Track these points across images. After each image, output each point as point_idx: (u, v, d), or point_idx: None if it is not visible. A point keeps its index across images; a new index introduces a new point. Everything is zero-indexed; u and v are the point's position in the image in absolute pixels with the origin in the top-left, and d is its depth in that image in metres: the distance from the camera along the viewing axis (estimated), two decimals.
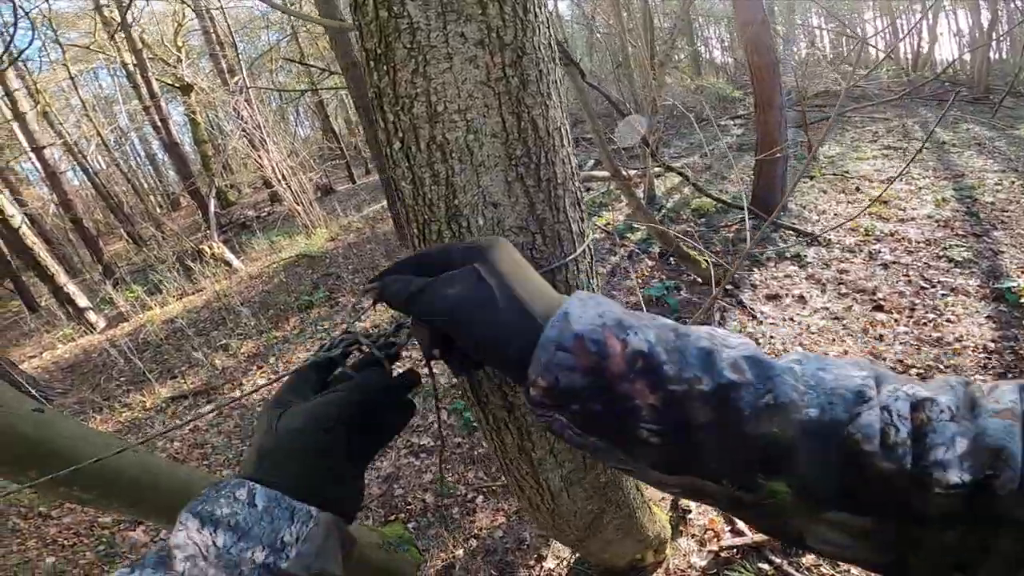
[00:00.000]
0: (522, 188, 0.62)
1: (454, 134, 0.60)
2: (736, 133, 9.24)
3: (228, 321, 5.89)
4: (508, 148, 0.62)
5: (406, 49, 0.58)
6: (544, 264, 0.65)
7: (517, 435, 0.84)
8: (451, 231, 0.63)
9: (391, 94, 0.60)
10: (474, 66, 0.58)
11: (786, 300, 3.94)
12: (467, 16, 0.56)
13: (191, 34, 13.35)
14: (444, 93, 0.59)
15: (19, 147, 11.73)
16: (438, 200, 0.62)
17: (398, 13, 0.56)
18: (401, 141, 0.61)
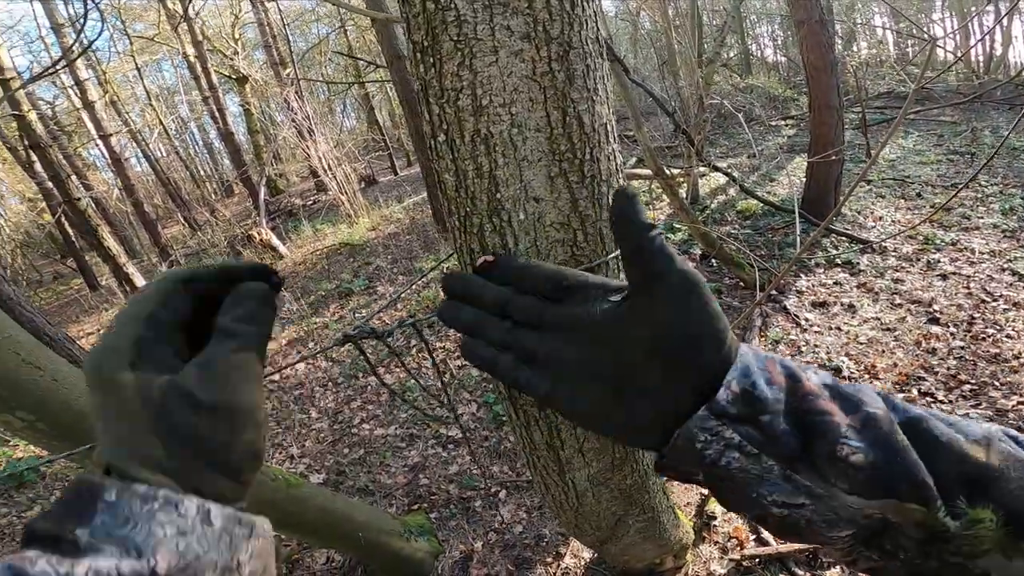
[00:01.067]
0: (565, 184, 0.62)
1: (498, 128, 0.59)
2: (788, 134, 8.88)
3: None
4: (552, 143, 0.61)
5: (452, 42, 0.58)
6: (584, 261, 0.64)
7: (547, 432, 0.83)
8: (492, 224, 0.63)
9: (437, 86, 0.60)
10: (520, 60, 0.58)
11: (834, 308, 3.78)
12: (513, 9, 0.56)
13: (247, 27, 13.89)
14: (489, 86, 0.58)
15: (87, 134, 12.53)
16: (480, 193, 0.62)
17: (445, 5, 0.56)
18: (445, 133, 0.62)
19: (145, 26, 13.27)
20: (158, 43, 12.99)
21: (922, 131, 8.17)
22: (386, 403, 3.83)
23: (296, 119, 8.55)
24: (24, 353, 1.42)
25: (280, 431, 3.79)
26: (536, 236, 0.62)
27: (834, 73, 4.73)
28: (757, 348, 0.39)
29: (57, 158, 7.31)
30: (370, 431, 3.55)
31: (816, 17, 4.62)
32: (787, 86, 11.89)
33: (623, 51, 14.30)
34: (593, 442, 0.91)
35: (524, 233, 0.62)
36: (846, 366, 3.15)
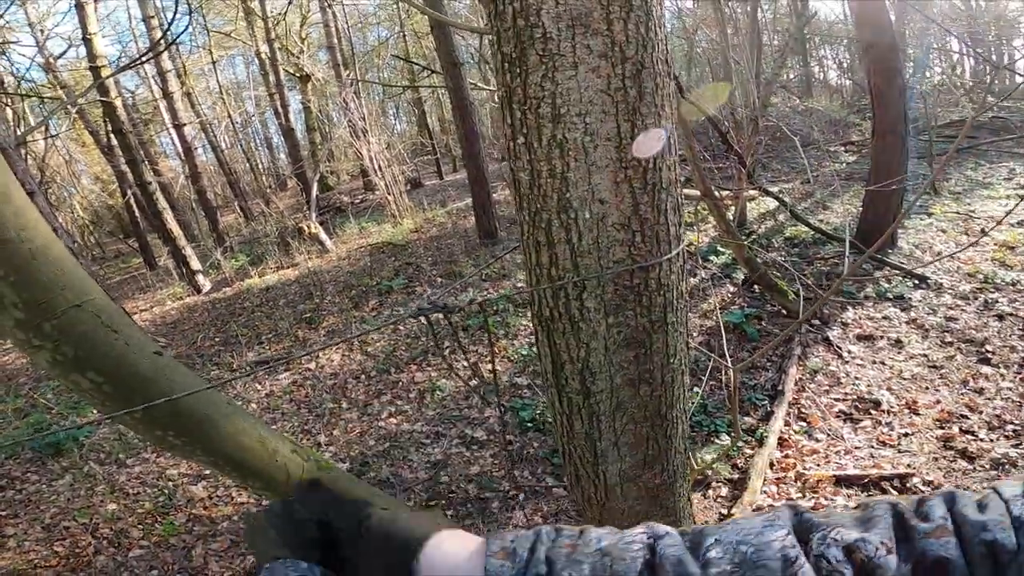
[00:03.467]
0: (629, 189, 0.67)
1: (573, 135, 0.66)
2: (847, 160, 8.60)
3: (315, 296, 6.37)
4: (620, 151, 0.67)
5: (538, 56, 0.65)
6: (640, 260, 0.69)
7: (587, 422, 0.88)
8: (560, 220, 0.70)
9: (521, 94, 0.67)
10: (596, 75, 0.64)
11: (880, 342, 3.65)
12: (594, 30, 0.62)
13: (313, 27, 14.59)
14: (568, 97, 0.65)
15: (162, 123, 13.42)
16: (552, 192, 0.68)
17: (534, 23, 0.63)
18: (525, 137, 0.69)
19: (224, 21, 14.14)
20: (234, 39, 13.82)
21: (994, 163, 7.76)
22: (415, 399, 3.92)
23: (351, 119, 8.91)
24: (104, 316, 1.55)
25: (311, 419, 3.92)
26: (598, 234, 0.68)
27: (901, 98, 4.58)
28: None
29: (134, 144, 7.87)
30: (397, 425, 3.64)
31: (886, 40, 4.50)
32: (850, 110, 11.53)
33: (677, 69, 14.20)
34: (629, 436, 0.95)
35: (588, 230, 0.68)
36: (886, 400, 3.04)
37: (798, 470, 2.67)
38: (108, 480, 3.45)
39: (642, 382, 0.84)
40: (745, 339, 3.95)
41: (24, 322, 1.45)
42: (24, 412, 4.54)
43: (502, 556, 0.38)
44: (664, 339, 0.82)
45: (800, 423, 3.06)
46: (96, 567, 2.67)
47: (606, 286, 0.73)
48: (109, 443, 3.83)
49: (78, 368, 1.54)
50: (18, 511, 3.20)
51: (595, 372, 0.81)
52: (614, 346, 0.79)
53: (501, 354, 4.34)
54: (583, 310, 0.76)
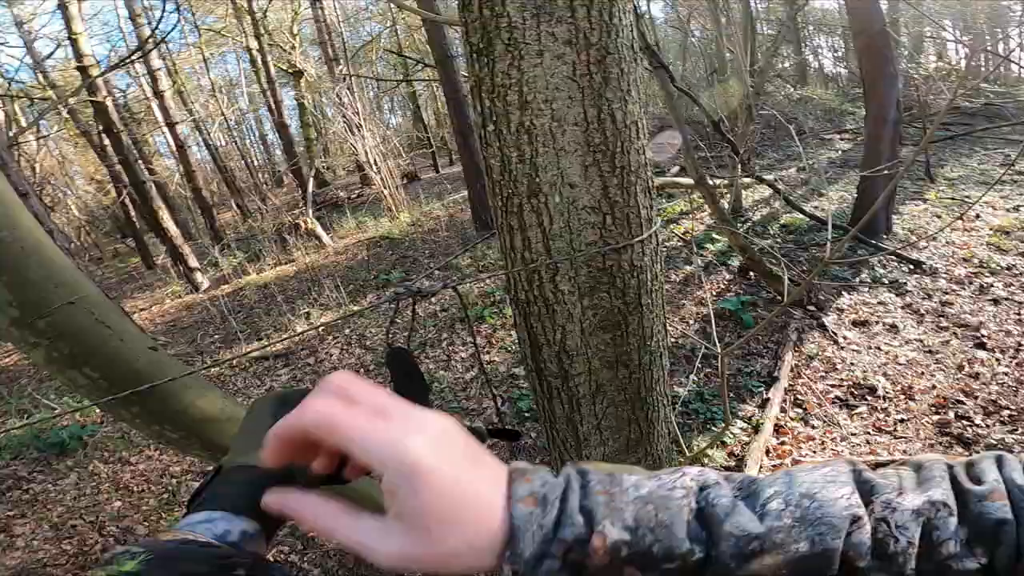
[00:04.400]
0: (597, 172, 0.69)
1: (540, 120, 0.67)
2: (842, 148, 8.60)
3: (313, 291, 6.39)
4: (587, 136, 0.68)
5: (504, 44, 0.66)
6: (612, 242, 0.71)
7: (568, 405, 0.90)
8: (531, 205, 0.71)
9: (489, 83, 0.69)
10: (562, 62, 0.66)
11: (875, 328, 3.67)
12: (558, 18, 0.63)
13: (304, 23, 14.49)
14: (534, 84, 0.66)
15: (155, 122, 13.36)
16: (522, 177, 0.70)
17: (499, 12, 0.64)
18: (494, 124, 0.70)
19: (214, 19, 14.05)
20: (224, 36, 13.73)
21: (989, 150, 7.75)
22: None
23: (346, 114, 8.88)
24: (98, 313, 1.54)
25: None
26: (569, 218, 0.70)
27: (893, 85, 4.58)
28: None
29: (127, 143, 7.84)
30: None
31: (876, 28, 4.50)
32: (845, 99, 11.50)
33: (671, 59, 14.13)
34: (611, 420, 0.97)
35: (559, 214, 0.70)
36: (882, 386, 3.06)
37: (794, 457, 2.69)
38: (113, 478, 3.48)
39: (620, 364, 0.86)
40: (742, 326, 3.97)
41: (19, 320, 1.46)
42: (27, 412, 4.57)
43: (531, 503, 0.33)
44: (640, 321, 0.84)
45: (796, 410, 3.08)
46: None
47: (579, 269, 0.75)
48: (113, 441, 3.86)
49: (74, 365, 1.54)
50: (25, 511, 3.23)
51: (572, 354, 0.83)
52: (590, 328, 0.81)
53: (498, 344, 4.37)
54: (557, 292, 0.78)
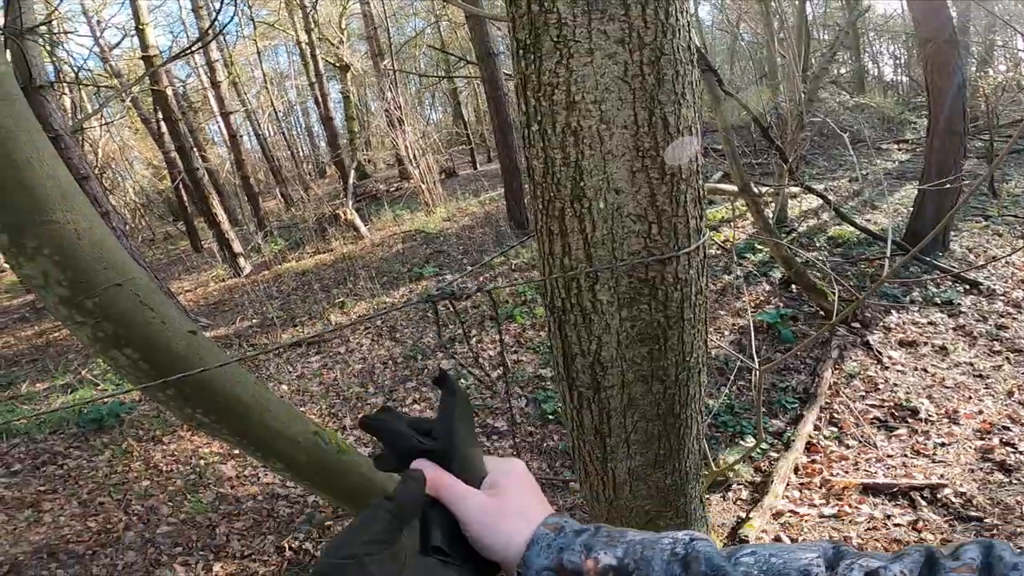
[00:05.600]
0: (646, 178, 0.65)
1: (587, 122, 0.64)
2: (899, 159, 8.18)
3: (348, 281, 6.52)
4: (637, 140, 0.65)
5: (552, 42, 0.63)
6: (657, 252, 0.67)
7: (597, 417, 0.87)
8: (573, 210, 0.69)
9: (535, 81, 0.66)
10: (613, 62, 0.63)
11: (923, 349, 3.48)
12: (610, 16, 0.60)
13: (353, 18, 14.80)
14: (583, 84, 0.63)
15: (210, 111, 13.93)
16: (565, 180, 0.67)
17: (548, 8, 0.62)
18: (539, 124, 0.67)
19: (267, 12, 14.52)
20: (277, 29, 14.17)
21: None
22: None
23: (389, 108, 9.03)
24: (143, 295, 1.59)
25: (338, 402, 4.02)
26: (613, 225, 0.67)
27: (960, 96, 4.31)
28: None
29: (184, 131, 8.20)
30: (420, 412, 3.70)
31: (945, 36, 4.25)
32: (905, 107, 10.92)
33: (719, 62, 13.74)
34: (640, 435, 0.94)
35: (602, 220, 0.67)
36: (925, 408, 2.90)
37: (824, 476, 2.58)
38: (144, 457, 3.59)
39: (655, 379, 0.82)
40: (779, 340, 3.83)
41: (68, 299, 1.52)
42: (71, 387, 4.82)
43: (552, 529, 0.43)
44: (680, 335, 0.80)
45: (831, 428, 2.95)
46: (125, 543, 2.79)
47: (620, 278, 0.72)
48: (148, 420, 4.01)
49: (116, 345, 1.60)
50: (57, 486, 3.36)
51: (606, 366, 0.80)
52: (627, 340, 0.77)
53: (527, 345, 4.35)
54: (596, 302, 0.75)
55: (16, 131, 1.39)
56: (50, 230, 1.45)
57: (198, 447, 3.63)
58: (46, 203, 1.43)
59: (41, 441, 3.90)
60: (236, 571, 2.55)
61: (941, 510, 2.27)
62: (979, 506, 2.23)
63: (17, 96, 1.45)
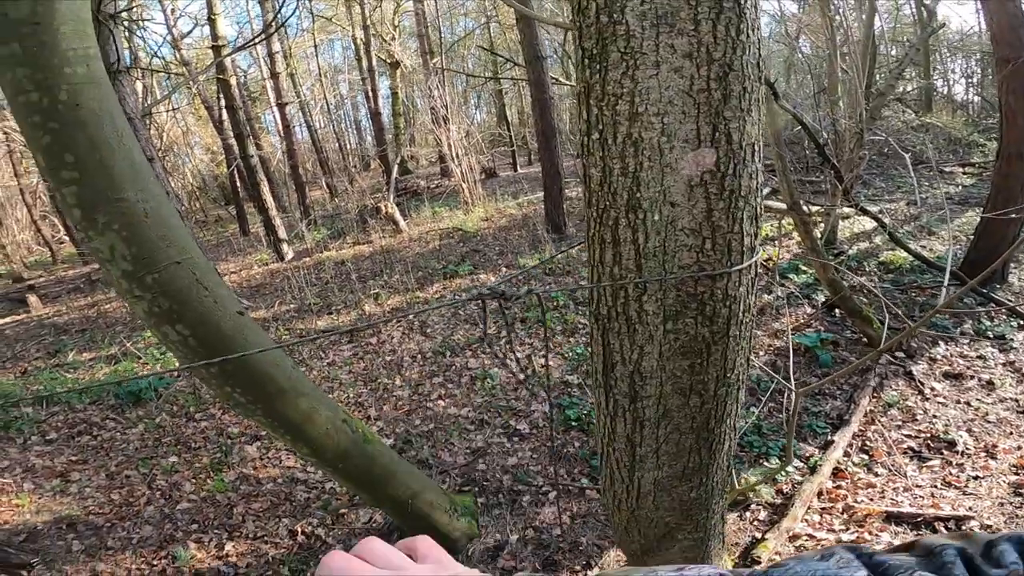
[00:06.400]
0: (703, 193, 0.65)
1: (649, 134, 0.65)
2: (963, 183, 7.74)
3: (384, 273, 6.66)
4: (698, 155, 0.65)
5: (619, 53, 0.64)
6: (708, 268, 0.67)
7: (631, 425, 0.87)
8: (627, 220, 0.69)
9: (599, 91, 0.67)
10: (679, 76, 0.63)
11: (968, 382, 3.31)
12: (679, 30, 0.61)
13: (406, 15, 15.13)
14: (647, 96, 0.64)
15: (267, 101, 14.49)
16: (622, 190, 0.68)
17: (617, 20, 0.63)
18: (600, 133, 0.68)
19: (326, 6, 15.01)
20: (334, 23, 14.63)
21: None
22: (466, 384, 4.00)
23: (435, 106, 9.18)
24: (199, 274, 1.67)
25: (365, 392, 4.10)
26: (666, 237, 0.67)
27: None
28: None
29: (243, 119, 8.57)
30: (444, 408, 3.73)
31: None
32: (974, 129, 10.32)
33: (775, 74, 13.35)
34: (671, 446, 0.93)
35: (655, 233, 0.67)
36: (963, 441, 2.77)
37: (848, 502, 2.50)
38: (175, 432, 3.69)
39: (693, 393, 0.82)
40: (816, 363, 3.70)
41: (130, 273, 1.62)
42: (116, 359, 5.07)
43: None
44: (724, 352, 0.79)
45: (861, 455, 2.86)
46: (144, 517, 2.88)
47: (668, 291, 0.72)
48: (183, 396, 4.14)
49: (170, 320, 1.69)
50: (88, 457, 3.47)
51: (646, 377, 0.80)
52: (669, 353, 0.77)
53: (556, 350, 4.34)
54: (642, 312, 0.75)
55: (100, 114, 1.50)
56: (121, 208, 1.55)
57: (226, 426, 3.73)
58: (120, 182, 1.53)
59: (80, 411, 4.06)
60: (247, 551, 2.61)
61: None
62: None
63: (103, 80, 1.56)
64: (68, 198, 1.49)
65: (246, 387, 1.80)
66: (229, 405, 1.99)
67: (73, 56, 1.43)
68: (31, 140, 1.45)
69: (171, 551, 2.61)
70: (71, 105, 1.43)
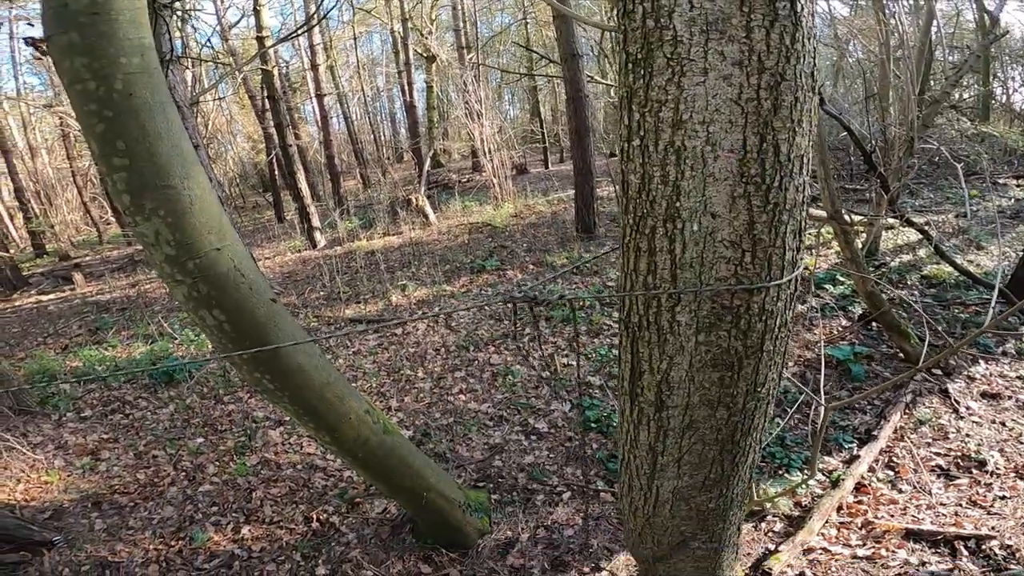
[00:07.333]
0: (746, 205, 0.64)
1: (692, 143, 0.63)
2: (1016, 196, 7.34)
3: (412, 265, 6.74)
4: (743, 165, 0.63)
5: (666, 59, 0.63)
6: (746, 282, 0.65)
7: (654, 434, 0.86)
8: (665, 229, 0.68)
9: (642, 96, 0.66)
10: (728, 84, 0.61)
11: (1006, 403, 3.17)
12: (730, 37, 0.59)
13: (443, 9, 15.20)
14: (692, 104, 0.62)
15: (306, 91, 14.81)
16: (661, 199, 0.67)
17: (664, 24, 0.61)
18: (641, 139, 0.67)
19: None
20: (374, 16, 14.83)
21: None
22: (487, 380, 4.01)
23: (469, 101, 9.21)
24: (237, 260, 1.70)
25: (388, 382, 4.15)
26: (704, 248, 0.65)
27: None
28: None
29: (283, 109, 8.77)
30: (464, 403, 3.75)
31: None
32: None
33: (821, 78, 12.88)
34: (694, 456, 0.91)
35: (694, 243, 0.65)
36: (994, 461, 2.67)
37: (867, 518, 2.44)
38: (203, 414, 3.77)
39: (721, 405, 0.80)
40: (847, 377, 3.58)
41: (172, 258, 1.68)
42: (151, 338, 5.24)
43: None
44: (756, 366, 0.77)
45: (886, 471, 2.77)
46: (166, 497, 2.95)
47: (703, 302, 0.70)
48: (214, 378, 4.24)
49: (207, 305, 1.75)
50: (119, 435, 3.56)
51: (673, 387, 0.79)
52: (699, 364, 0.76)
53: (580, 350, 4.32)
54: (674, 323, 0.74)
55: (152, 103, 1.55)
56: (168, 195, 1.61)
57: (252, 411, 3.80)
58: (169, 170, 1.58)
59: (115, 389, 4.18)
60: (262, 535, 2.65)
61: (981, 561, 2.12)
62: (1022, 560, 2.08)
63: (156, 69, 1.61)
64: (118, 184, 1.54)
65: (275, 374, 1.85)
66: (258, 390, 2.04)
67: (129, 46, 1.48)
68: (86, 127, 1.51)
69: (189, 532, 2.68)
70: (125, 94, 1.48)
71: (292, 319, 1.93)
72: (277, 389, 1.87)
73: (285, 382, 1.86)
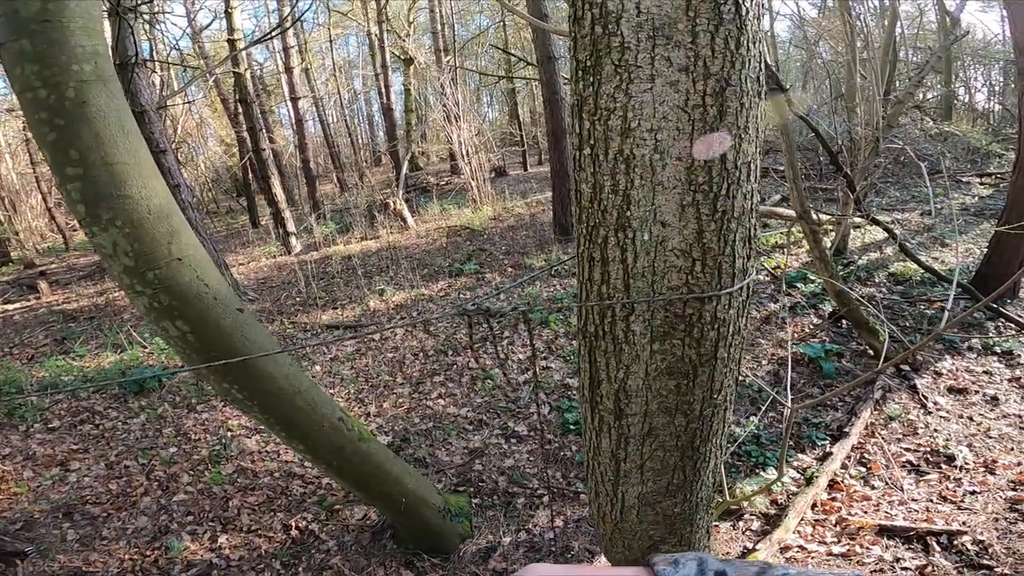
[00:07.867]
0: (695, 214, 0.64)
1: (641, 151, 0.63)
2: (980, 195, 7.60)
3: (390, 269, 6.68)
4: (691, 174, 0.63)
5: (613, 65, 0.63)
6: (697, 290, 0.65)
7: (615, 441, 0.86)
8: (616, 239, 0.67)
9: (592, 104, 0.66)
10: (675, 90, 0.61)
11: (973, 397, 3.27)
12: (676, 42, 0.59)
13: (421, 12, 15.14)
14: (640, 111, 0.62)
15: (281, 95, 14.58)
16: (612, 208, 0.66)
17: (612, 31, 0.61)
18: (591, 148, 0.67)
19: (342, 0, 15.06)
20: (350, 18, 14.69)
21: None
22: (466, 384, 3.99)
23: (447, 103, 9.18)
24: (200, 270, 1.66)
25: (366, 388, 4.11)
26: (655, 258, 0.65)
27: None
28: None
29: (256, 113, 8.61)
30: (443, 408, 3.73)
31: None
32: (993, 138, 10.13)
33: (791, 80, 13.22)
34: (656, 463, 0.92)
35: (645, 252, 0.65)
36: (962, 456, 2.75)
37: (841, 515, 2.49)
38: (176, 424, 3.69)
39: (679, 412, 0.80)
40: (819, 374, 3.66)
41: (131, 269, 1.63)
42: (121, 347, 5.09)
43: (665, 564, 0.43)
44: (711, 373, 0.77)
45: (859, 468, 2.84)
46: (140, 507, 2.87)
47: (656, 312, 0.70)
48: (186, 387, 4.15)
49: (170, 316, 1.70)
50: (89, 446, 3.46)
51: (631, 395, 0.79)
52: (655, 373, 0.76)
53: (557, 352, 4.32)
54: (628, 333, 0.73)
55: (107, 111, 1.50)
56: (125, 204, 1.56)
57: (228, 418, 3.74)
58: (124, 179, 1.53)
59: (84, 399, 4.06)
60: (240, 544, 2.61)
61: (954, 556, 2.18)
62: (994, 555, 2.13)
63: (111, 77, 1.56)
64: (73, 194, 1.49)
65: (244, 384, 1.81)
66: (227, 400, 1.99)
67: (81, 53, 1.44)
68: (37, 136, 1.47)
69: (165, 542, 2.62)
70: (78, 102, 1.44)
71: (261, 328, 1.89)
72: (246, 399, 1.83)
73: (254, 391, 1.83)
